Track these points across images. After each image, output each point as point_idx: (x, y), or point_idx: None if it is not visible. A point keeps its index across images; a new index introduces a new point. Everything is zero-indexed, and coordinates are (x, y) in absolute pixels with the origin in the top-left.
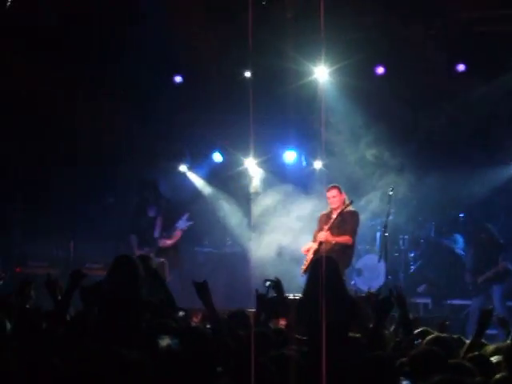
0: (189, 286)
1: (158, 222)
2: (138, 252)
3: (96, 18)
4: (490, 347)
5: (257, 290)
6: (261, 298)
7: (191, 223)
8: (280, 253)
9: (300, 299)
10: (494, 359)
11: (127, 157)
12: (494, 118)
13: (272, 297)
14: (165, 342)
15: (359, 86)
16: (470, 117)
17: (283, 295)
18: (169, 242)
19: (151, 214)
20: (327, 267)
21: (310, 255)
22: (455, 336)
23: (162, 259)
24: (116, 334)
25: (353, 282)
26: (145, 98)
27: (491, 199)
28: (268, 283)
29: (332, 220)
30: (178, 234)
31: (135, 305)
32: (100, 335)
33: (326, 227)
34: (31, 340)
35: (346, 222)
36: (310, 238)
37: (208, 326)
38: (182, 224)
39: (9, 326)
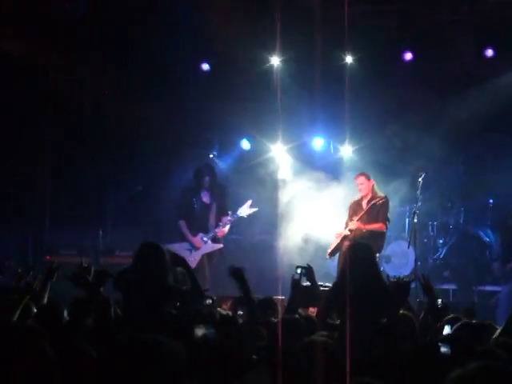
0: (218, 274)
1: (214, 209)
2: (192, 239)
3: (124, 7)
4: None
5: (293, 276)
6: (296, 285)
7: (256, 210)
8: (307, 240)
9: (333, 284)
10: None
11: (155, 144)
12: None
13: (305, 285)
14: (200, 331)
15: (387, 72)
16: (498, 102)
17: (315, 283)
18: (225, 231)
19: (206, 200)
20: (362, 254)
21: (337, 240)
22: (486, 322)
23: (220, 245)
24: (145, 322)
25: (381, 269)
26: (172, 86)
27: None
28: (300, 270)
29: (362, 211)
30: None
31: (162, 292)
32: (128, 323)
33: (356, 218)
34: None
35: (376, 208)
36: (340, 225)
37: (240, 313)
38: (245, 211)
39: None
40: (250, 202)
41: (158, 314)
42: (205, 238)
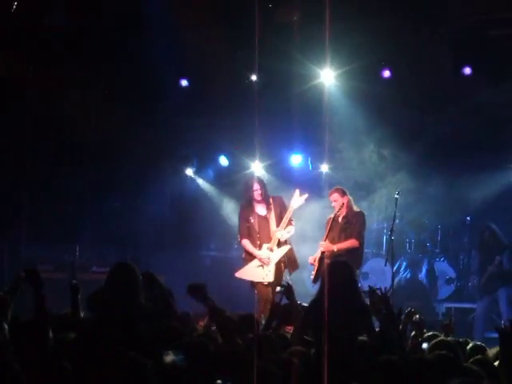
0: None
1: (272, 219)
2: (259, 254)
3: (104, 22)
4: (493, 350)
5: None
6: (275, 306)
7: (306, 195)
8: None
9: (311, 302)
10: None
11: (133, 160)
12: (501, 122)
13: (284, 304)
14: (169, 357)
15: (365, 90)
16: (476, 120)
17: (294, 301)
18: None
19: (261, 212)
20: (341, 271)
21: (316, 263)
22: (462, 340)
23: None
24: (117, 342)
25: (359, 286)
26: (152, 102)
27: (498, 202)
28: (279, 288)
29: (333, 223)
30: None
31: (134, 311)
32: (102, 341)
33: (326, 236)
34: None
35: (351, 223)
36: (317, 242)
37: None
38: (296, 202)
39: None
40: (298, 192)
41: (129, 333)
42: (269, 247)
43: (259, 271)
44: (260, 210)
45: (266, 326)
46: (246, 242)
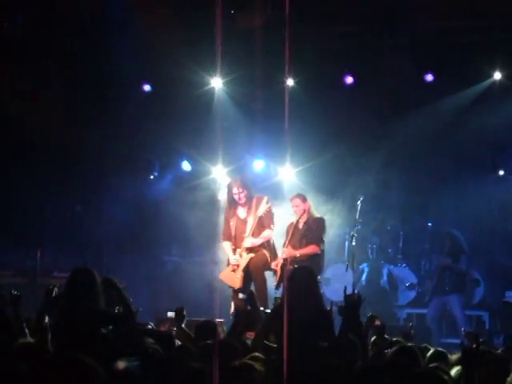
0: (159, 296)
1: (251, 221)
2: (231, 258)
3: (64, 26)
4: (454, 357)
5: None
6: (238, 312)
7: (270, 204)
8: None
9: (273, 307)
10: (456, 369)
11: (94, 164)
12: (463, 128)
13: (248, 310)
14: (122, 364)
15: (328, 95)
16: (437, 126)
17: (257, 307)
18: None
19: (241, 215)
20: (303, 277)
21: (279, 269)
22: (421, 345)
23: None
24: (74, 345)
25: (321, 292)
26: (113, 106)
27: (458, 208)
28: (242, 295)
29: (294, 229)
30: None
31: (93, 316)
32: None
33: (288, 242)
34: None
35: (311, 229)
36: (279, 248)
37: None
38: (261, 209)
39: None
40: (266, 198)
41: (88, 338)
42: (240, 252)
43: (232, 276)
44: (241, 212)
45: (229, 332)
46: (224, 244)
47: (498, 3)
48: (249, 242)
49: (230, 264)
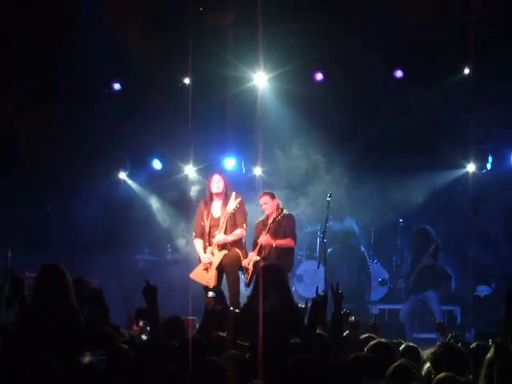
0: (131, 295)
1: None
2: (201, 256)
3: (33, 25)
4: (427, 351)
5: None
6: (207, 311)
7: (239, 199)
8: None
9: (245, 305)
10: (427, 366)
11: (65, 161)
12: (432, 124)
13: (218, 309)
14: (87, 358)
15: (298, 93)
16: (408, 122)
17: (227, 306)
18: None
19: (216, 213)
20: (273, 275)
21: (251, 267)
22: (395, 340)
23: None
24: (42, 342)
25: (293, 289)
26: (84, 103)
27: (430, 204)
28: (211, 294)
29: (264, 226)
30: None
31: (63, 313)
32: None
33: (265, 231)
34: None
35: (282, 225)
36: (249, 246)
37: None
38: (231, 206)
39: None
40: (234, 194)
41: (56, 335)
42: (211, 250)
43: (203, 274)
44: (215, 209)
45: (199, 330)
46: (196, 242)
47: None
48: (220, 237)
49: (200, 262)
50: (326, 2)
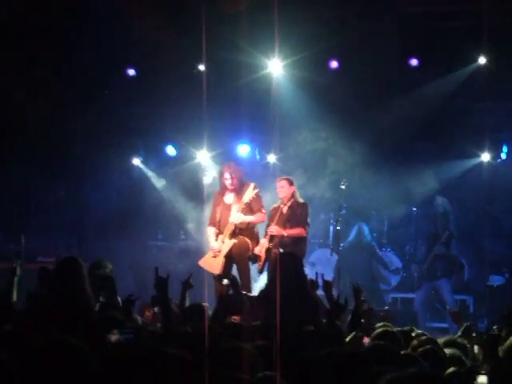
0: (144, 281)
1: (235, 208)
2: (211, 244)
3: (47, 12)
4: (441, 340)
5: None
6: (221, 297)
7: (257, 190)
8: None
9: (261, 294)
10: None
11: (79, 148)
12: (447, 113)
13: (230, 294)
14: (114, 337)
15: (313, 80)
16: (422, 111)
17: (240, 292)
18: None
19: (228, 201)
20: (290, 263)
21: (263, 254)
22: (406, 328)
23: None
24: (63, 328)
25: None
26: (98, 91)
27: (444, 193)
28: (226, 281)
29: (279, 213)
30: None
31: (80, 299)
32: (47, 329)
33: (275, 221)
34: None
35: (296, 214)
36: (262, 234)
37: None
38: (248, 196)
39: None
40: (252, 185)
41: (74, 320)
42: (222, 238)
43: (212, 262)
44: (228, 198)
45: (213, 316)
46: (208, 230)
47: None
48: (238, 217)
49: (210, 250)
50: None
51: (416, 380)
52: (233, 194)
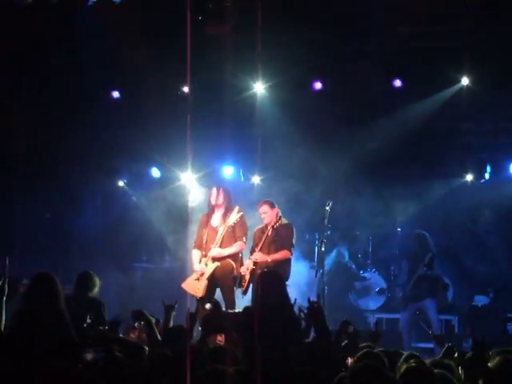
0: (128, 303)
1: (222, 230)
2: (194, 267)
3: (34, 33)
4: (427, 361)
5: (188, 309)
6: (191, 316)
7: (241, 213)
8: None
9: (245, 309)
10: None
11: (64, 170)
12: (431, 133)
13: (214, 313)
14: (90, 355)
15: (296, 102)
16: (406, 132)
17: (223, 312)
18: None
19: (215, 223)
20: (272, 281)
21: (248, 275)
22: (391, 350)
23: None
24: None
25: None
26: (82, 112)
27: (427, 214)
28: (208, 305)
29: (263, 238)
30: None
31: (55, 317)
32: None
33: (260, 245)
34: None
35: (281, 235)
36: (248, 254)
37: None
38: (232, 219)
39: None
40: (237, 208)
41: (51, 341)
42: (205, 261)
43: (194, 284)
44: (215, 220)
45: (200, 339)
46: (193, 252)
47: (463, 8)
48: (215, 251)
49: (194, 272)
50: (324, 11)
51: None
52: (220, 217)
